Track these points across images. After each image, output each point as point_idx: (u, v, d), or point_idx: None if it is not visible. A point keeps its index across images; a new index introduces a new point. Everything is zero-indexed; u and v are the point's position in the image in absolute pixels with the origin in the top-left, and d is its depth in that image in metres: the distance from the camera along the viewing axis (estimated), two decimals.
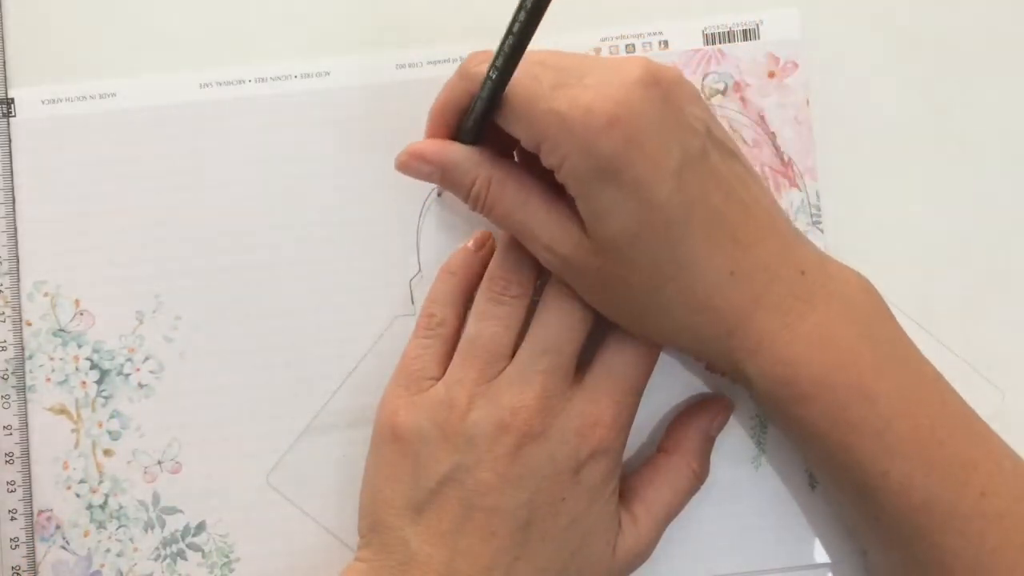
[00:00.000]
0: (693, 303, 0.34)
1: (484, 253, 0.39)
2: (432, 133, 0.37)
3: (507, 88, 0.33)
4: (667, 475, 0.38)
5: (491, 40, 0.40)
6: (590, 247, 0.34)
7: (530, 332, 0.36)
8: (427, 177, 0.36)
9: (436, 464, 0.35)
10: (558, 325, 0.36)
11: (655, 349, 0.37)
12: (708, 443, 0.39)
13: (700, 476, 0.38)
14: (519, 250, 0.37)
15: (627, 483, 0.38)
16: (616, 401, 0.36)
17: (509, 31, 0.31)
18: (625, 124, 0.32)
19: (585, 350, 0.37)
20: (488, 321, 0.36)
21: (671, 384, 0.40)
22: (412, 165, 0.36)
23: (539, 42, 0.41)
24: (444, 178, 0.36)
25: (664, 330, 0.35)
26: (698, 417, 0.39)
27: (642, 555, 0.37)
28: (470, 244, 0.39)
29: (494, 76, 0.32)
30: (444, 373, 0.37)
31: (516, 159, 0.37)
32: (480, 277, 0.38)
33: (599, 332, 0.37)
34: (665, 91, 0.32)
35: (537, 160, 0.34)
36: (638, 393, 0.37)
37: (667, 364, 0.40)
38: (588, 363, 0.37)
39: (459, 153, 0.36)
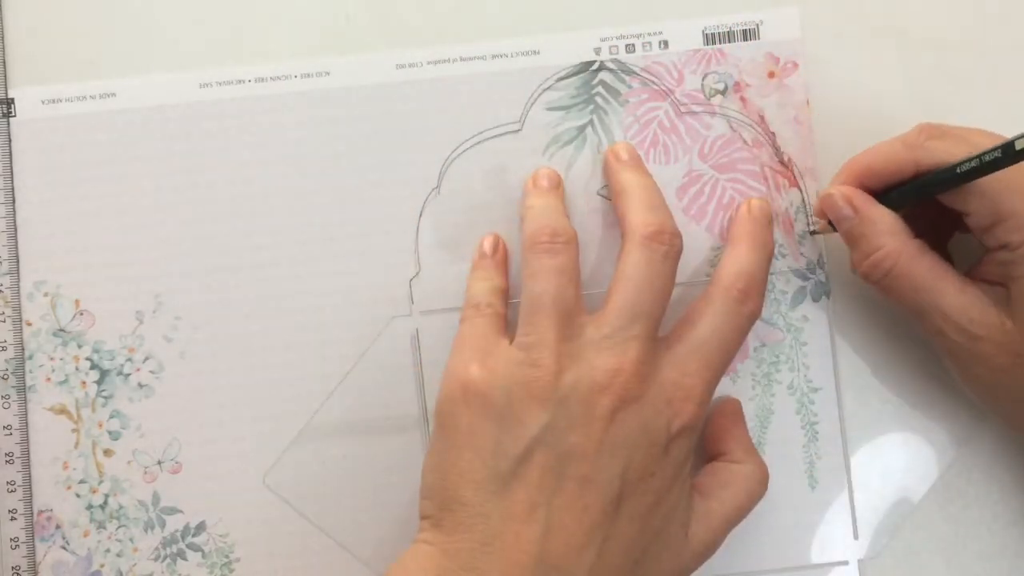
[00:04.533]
0: None
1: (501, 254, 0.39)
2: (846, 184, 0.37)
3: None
4: (745, 480, 0.37)
5: (491, 40, 0.41)
6: (1015, 330, 0.34)
7: (615, 295, 0.34)
8: (842, 219, 0.36)
9: (522, 427, 0.32)
10: (649, 290, 0.34)
11: (747, 325, 0.36)
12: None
13: (767, 483, 0.37)
14: (552, 204, 0.37)
15: (699, 480, 0.37)
16: (706, 379, 0.35)
17: None
18: None
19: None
20: (548, 276, 0.34)
21: None
22: (837, 203, 0.36)
23: (534, 42, 0.41)
24: (854, 230, 0.36)
25: None
26: (742, 421, 0.39)
27: (712, 547, 0.35)
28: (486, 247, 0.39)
29: (976, 164, 0.33)
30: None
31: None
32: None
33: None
34: None
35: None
36: (723, 373, 0.36)
37: None
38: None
39: (883, 216, 0.36)
